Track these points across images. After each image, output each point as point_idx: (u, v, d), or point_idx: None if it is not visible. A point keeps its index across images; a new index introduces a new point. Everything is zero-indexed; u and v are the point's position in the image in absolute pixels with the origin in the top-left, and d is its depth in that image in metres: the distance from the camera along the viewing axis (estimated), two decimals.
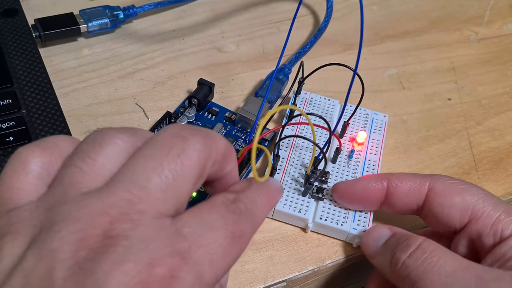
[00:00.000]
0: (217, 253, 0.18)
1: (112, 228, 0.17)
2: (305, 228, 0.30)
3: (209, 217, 0.19)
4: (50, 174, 0.19)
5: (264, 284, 0.28)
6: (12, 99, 0.32)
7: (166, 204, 0.18)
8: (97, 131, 0.20)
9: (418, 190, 0.27)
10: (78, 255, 0.16)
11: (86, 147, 0.19)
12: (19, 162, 0.19)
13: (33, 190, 0.19)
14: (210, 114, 0.35)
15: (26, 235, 0.17)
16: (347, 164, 0.32)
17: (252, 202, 0.21)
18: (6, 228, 0.18)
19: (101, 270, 0.16)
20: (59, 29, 0.37)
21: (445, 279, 0.23)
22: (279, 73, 0.37)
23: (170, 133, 0.19)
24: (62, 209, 0.17)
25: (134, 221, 0.17)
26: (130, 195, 0.17)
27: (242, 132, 0.34)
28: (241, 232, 0.20)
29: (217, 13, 0.44)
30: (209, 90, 0.35)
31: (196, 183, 0.20)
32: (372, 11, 0.46)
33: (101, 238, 0.17)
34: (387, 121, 0.35)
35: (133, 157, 0.19)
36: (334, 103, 0.36)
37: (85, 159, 0.19)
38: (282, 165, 0.31)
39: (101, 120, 0.34)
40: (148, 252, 0.17)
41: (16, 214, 0.18)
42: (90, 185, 0.18)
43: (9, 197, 0.19)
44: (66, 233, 0.17)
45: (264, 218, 0.23)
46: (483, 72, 0.42)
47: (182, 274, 0.17)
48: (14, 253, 0.17)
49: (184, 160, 0.18)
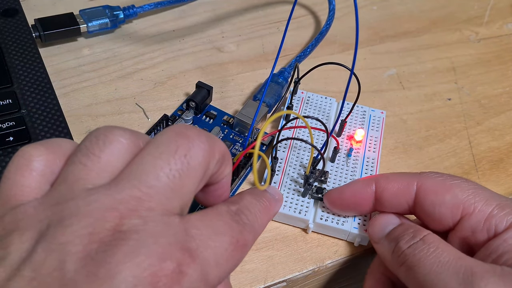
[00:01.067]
0: (222, 257, 0.19)
1: (122, 223, 0.17)
2: (306, 229, 0.30)
3: (216, 223, 0.20)
4: (53, 173, 0.20)
5: (264, 284, 0.28)
6: (12, 99, 0.32)
7: (173, 202, 0.18)
8: (98, 129, 0.20)
9: (406, 190, 0.27)
10: (90, 247, 0.16)
11: (90, 144, 0.19)
12: (23, 159, 0.19)
13: (37, 188, 0.19)
14: (208, 117, 0.35)
15: (33, 230, 0.17)
16: (346, 163, 0.32)
17: (254, 216, 0.22)
18: (13, 224, 0.18)
19: (114, 260, 0.16)
20: (59, 29, 0.37)
21: (436, 268, 0.23)
22: (278, 77, 0.37)
23: (175, 131, 0.19)
24: (70, 205, 0.18)
25: (144, 218, 0.17)
26: (140, 192, 0.18)
27: (239, 136, 0.34)
28: (244, 242, 0.21)
29: (217, 13, 0.44)
30: (207, 93, 0.35)
31: (200, 182, 0.20)
32: (372, 11, 0.46)
33: (111, 232, 0.17)
34: (384, 118, 0.35)
35: (139, 154, 0.19)
36: (331, 101, 0.36)
37: (90, 156, 0.19)
38: (281, 167, 0.31)
39: (101, 120, 0.34)
40: (159, 246, 0.17)
41: (21, 211, 0.18)
42: (95, 181, 0.18)
43: (14, 194, 0.19)
44: (77, 227, 0.17)
45: (264, 229, 0.24)
46: (483, 72, 0.42)
47: (190, 270, 0.17)
48: (22, 247, 0.17)
49: (191, 160, 0.19)
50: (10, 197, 0.19)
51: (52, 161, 0.20)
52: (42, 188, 0.19)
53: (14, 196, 0.19)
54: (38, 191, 0.19)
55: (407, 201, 0.27)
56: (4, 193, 0.19)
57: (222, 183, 0.23)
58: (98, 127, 0.20)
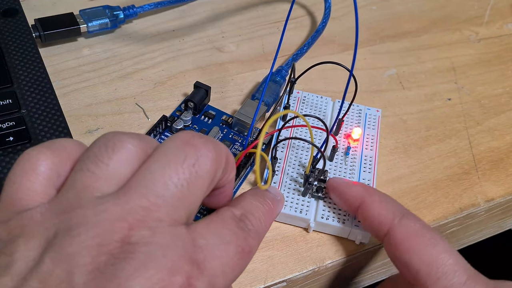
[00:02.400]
0: (228, 266, 0.19)
1: (131, 235, 0.17)
2: (307, 228, 0.30)
3: (222, 231, 0.20)
4: (59, 176, 0.19)
5: (264, 284, 0.28)
6: (12, 99, 0.32)
7: (180, 211, 0.18)
8: (106, 134, 0.20)
9: (381, 226, 0.26)
10: (98, 260, 0.16)
11: (98, 151, 0.19)
12: (29, 162, 0.19)
13: (43, 192, 0.19)
14: (207, 117, 0.35)
15: (40, 238, 0.17)
16: (344, 161, 0.32)
17: (258, 220, 0.22)
18: (18, 230, 0.18)
19: (123, 275, 0.16)
20: (59, 29, 0.37)
21: None
22: (276, 76, 0.37)
23: (182, 140, 0.19)
24: (78, 213, 0.17)
25: (152, 229, 0.17)
26: (148, 202, 0.18)
27: (239, 136, 0.34)
28: (249, 248, 0.21)
29: (217, 13, 0.44)
30: (205, 93, 0.35)
31: (207, 190, 0.20)
32: (372, 11, 0.46)
33: (120, 244, 0.17)
34: (380, 116, 0.35)
35: (147, 162, 0.19)
36: (327, 100, 0.36)
37: (98, 164, 0.19)
38: (280, 166, 0.31)
39: (101, 120, 0.34)
40: (168, 259, 0.17)
41: (27, 216, 0.18)
42: (103, 189, 0.18)
43: (20, 198, 0.19)
44: (85, 238, 0.17)
45: (267, 232, 0.24)
46: (483, 72, 0.42)
47: (198, 283, 0.17)
48: (29, 256, 0.17)
49: (199, 169, 0.19)
50: (16, 201, 0.19)
51: (58, 164, 0.19)
52: (48, 192, 0.19)
53: (20, 200, 0.19)
54: (44, 196, 0.19)
55: (379, 233, 0.27)
56: (10, 197, 0.19)
57: (226, 187, 0.23)
58: (107, 133, 0.20)
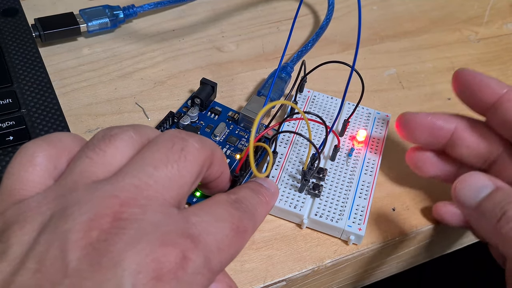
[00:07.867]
0: (223, 242, 0.19)
1: (122, 211, 0.17)
2: (301, 224, 0.30)
3: (216, 210, 0.21)
4: (56, 168, 0.20)
5: (263, 283, 0.28)
6: (12, 99, 0.32)
7: (171, 192, 0.19)
8: (106, 128, 0.21)
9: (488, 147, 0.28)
10: (90, 235, 0.17)
11: (97, 140, 0.20)
12: (26, 155, 0.20)
13: (40, 183, 0.19)
14: (213, 113, 0.35)
15: (34, 222, 0.18)
16: (346, 162, 0.32)
17: (253, 207, 0.23)
18: (13, 218, 0.18)
19: (115, 249, 0.16)
20: (59, 28, 0.37)
21: None
22: (281, 72, 0.37)
23: (170, 134, 0.21)
24: (73, 196, 0.18)
25: (143, 206, 0.18)
26: (138, 181, 0.18)
27: (245, 132, 0.34)
28: (244, 228, 0.21)
29: (217, 13, 0.44)
30: (211, 89, 0.35)
31: (197, 178, 0.21)
32: (372, 11, 0.46)
33: (111, 219, 0.17)
34: (389, 121, 0.35)
35: (140, 152, 0.20)
36: (337, 101, 0.36)
37: (96, 150, 0.20)
38: (280, 162, 0.31)
39: (101, 119, 0.34)
40: (160, 233, 0.17)
41: (24, 205, 0.18)
42: (100, 174, 0.19)
43: (17, 189, 0.19)
44: (77, 214, 0.17)
45: (262, 221, 0.24)
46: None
47: (193, 256, 0.18)
48: (24, 240, 0.17)
49: (187, 154, 0.20)
50: (13, 192, 0.19)
51: (55, 156, 0.20)
52: (45, 183, 0.20)
53: (18, 191, 0.19)
54: (41, 186, 0.19)
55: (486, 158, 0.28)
56: (8, 188, 0.19)
57: (220, 179, 0.24)
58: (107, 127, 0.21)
